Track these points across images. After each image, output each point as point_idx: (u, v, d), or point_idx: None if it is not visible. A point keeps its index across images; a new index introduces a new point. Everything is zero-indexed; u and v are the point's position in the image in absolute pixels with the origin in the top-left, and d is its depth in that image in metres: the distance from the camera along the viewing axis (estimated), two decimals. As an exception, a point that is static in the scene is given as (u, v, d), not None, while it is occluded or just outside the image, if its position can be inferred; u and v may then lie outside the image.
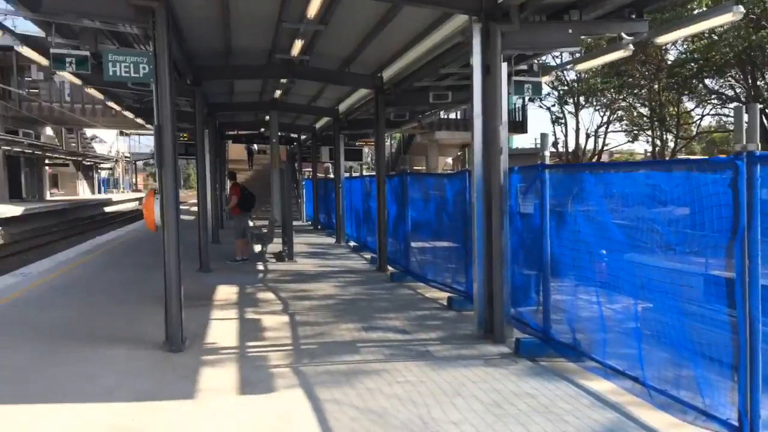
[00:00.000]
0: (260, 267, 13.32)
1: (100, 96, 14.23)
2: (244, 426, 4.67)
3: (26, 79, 39.98)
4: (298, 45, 10.57)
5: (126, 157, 75.55)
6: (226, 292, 10.28)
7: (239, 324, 8.03)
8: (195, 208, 15.64)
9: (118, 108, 15.63)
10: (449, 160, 50.04)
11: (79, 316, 8.18)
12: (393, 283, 11.21)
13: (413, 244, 11.46)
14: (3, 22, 9.31)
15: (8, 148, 35.25)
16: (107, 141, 67.49)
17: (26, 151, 38.05)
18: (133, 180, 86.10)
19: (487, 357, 6.46)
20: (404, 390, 5.40)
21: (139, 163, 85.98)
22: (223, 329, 7.67)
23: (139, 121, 19.16)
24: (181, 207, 7.13)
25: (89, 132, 58.19)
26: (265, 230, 16.49)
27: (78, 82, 11.49)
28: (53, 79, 40.59)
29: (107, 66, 6.52)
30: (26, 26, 38.08)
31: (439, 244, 10.48)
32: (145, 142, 72.59)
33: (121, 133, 66.78)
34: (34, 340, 6.91)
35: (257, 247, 15.43)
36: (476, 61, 7.08)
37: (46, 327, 7.55)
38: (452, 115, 35.25)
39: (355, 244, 17.20)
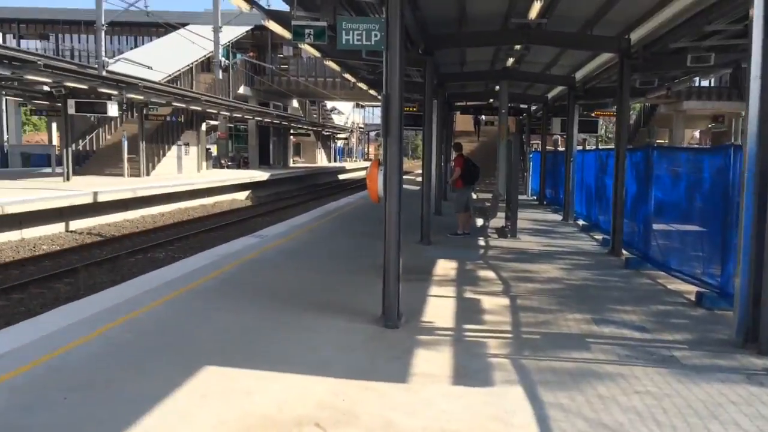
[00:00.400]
0: (481, 242, 12.87)
1: (337, 68, 14.70)
2: (456, 423, 4.23)
3: (279, 56, 43.88)
4: (536, 7, 9.73)
5: (360, 127, 79.95)
6: (446, 267, 9.99)
7: (457, 303, 7.64)
8: (420, 179, 15.64)
9: (353, 80, 16.11)
10: (696, 133, 44.99)
11: (304, 281, 8.42)
12: (628, 269, 10.05)
13: (655, 227, 10.14)
14: (257, 1, 9.91)
15: (260, 119, 38.97)
16: (344, 113, 71.86)
17: (275, 121, 41.80)
18: (365, 149, 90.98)
19: (750, 371, 5.30)
20: (644, 404, 4.57)
21: (371, 134, 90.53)
22: (439, 307, 7.34)
23: (372, 92, 19.71)
24: (405, 177, 6.93)
25: (329, 104, 62.46)
26: (488, 204, 15.97)
27: (317, 54, 11.94)
28: (301, 56, 44.06)
29: (341, 34, 6.49)
30: (276, 5, 41.28)
31: (687, 228, 9.10)
32: (378, 114, 75.99)
33: (357, 105, 70.79)
34: (261, 302, 7.17)
35: (479, 222, 14.98)
36: (758, 11, 5.75)
37: (274, 290, 7.83)
38: (704, 83, 31.34)
39: (584, 222, 16.00)
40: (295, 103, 52.12)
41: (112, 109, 23.58)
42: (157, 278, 7.94)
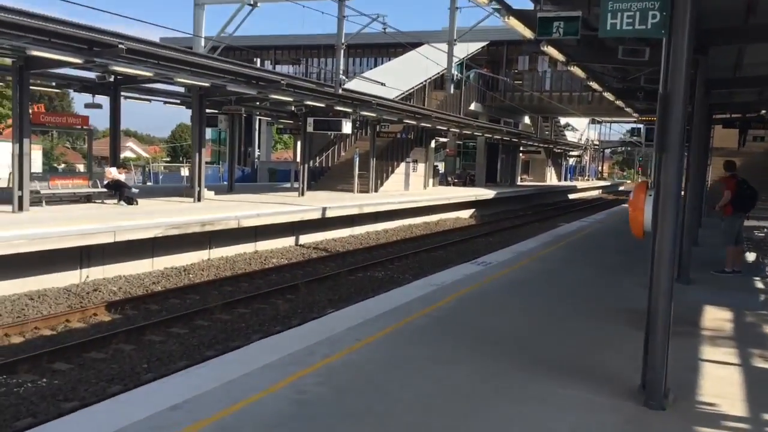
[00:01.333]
0: (759, 284, 10.30)
1: (582, 75, 12.84)
2: None
3: (513, 71, 42.62)
4: None
5: (595, 145, 75.30)
6: (716, 316, 7.85)
7: (743, 375, 5.65)
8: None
9: (599, 89, 14.13)
10: None
11: (533, 327, 6.94)
12: None
13: None
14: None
15: (490, 135, 37.96)
16: (579, 129, 68.12)
17: (504, 138, 40.50)
18: (599, 168, 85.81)
19: None
20: None
21: (606, 152, 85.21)
22: (720, 380, 5.43)
23: (619, 103, 17.41)
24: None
25: (563, 120, 59.54)
26: (764, 235, 13.04)
27: (561, 58, 10.40)
28: (536, 70, 42.41)
29: (605, 18, 5.06)
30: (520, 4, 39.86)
31: None
32: (616, 129, 71.22)
33: (593, 121, 66.65)
34: (480, 353, 5.85)
35: (750, 257, 12.21)
36: None
37: (493, 337, 6.45)
38: None
39: None
40: (526, 119, 50.36)
41: (347, 127, 24.12)
42: (364, 311, 7.01)
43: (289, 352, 5.34)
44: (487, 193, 32.33)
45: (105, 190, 17.29)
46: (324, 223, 19.25)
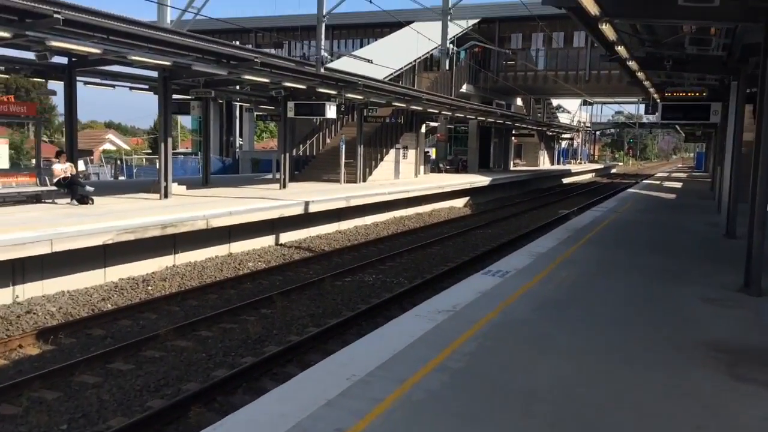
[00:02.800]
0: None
1: (611, 37, 10.33)
2: None
3: (506, 50, 40.49)
4: None
5: (587, 127, 73.45)
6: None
7: None
8: (660, 183, 11.12)
9: (625, 56, 11.83)
10: None
11: (596, 388, 4.83)
12: None
13: None
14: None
15: (483, 118, 35.87)
16: (571, 111, 66.22)
17: (498, 121, 38.43)
18: (591, 151, 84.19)
19: None
20: None
21: (597, 134, 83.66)
22: None
23: (640, 75, 15.25)
24: (649, 182, 3.58)
25: (554, 102, 57.56)
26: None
27: (595, 11, 8.16)
28: (529, 49, 40.31)
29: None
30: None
31: None
32: (607, 111, 69.50)
33: (584, 103, 64.74)
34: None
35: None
36: None
37: (548, 411, 4.37)
38: None
39: None
40: (518, 101, 48.31)
41: (331, 111, 21.96)
42: (350, 365, 4.87)
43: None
44: (481, 180, 30.35)
45: (55, 188, 15.08)
46: (307, 219, 17.19)
